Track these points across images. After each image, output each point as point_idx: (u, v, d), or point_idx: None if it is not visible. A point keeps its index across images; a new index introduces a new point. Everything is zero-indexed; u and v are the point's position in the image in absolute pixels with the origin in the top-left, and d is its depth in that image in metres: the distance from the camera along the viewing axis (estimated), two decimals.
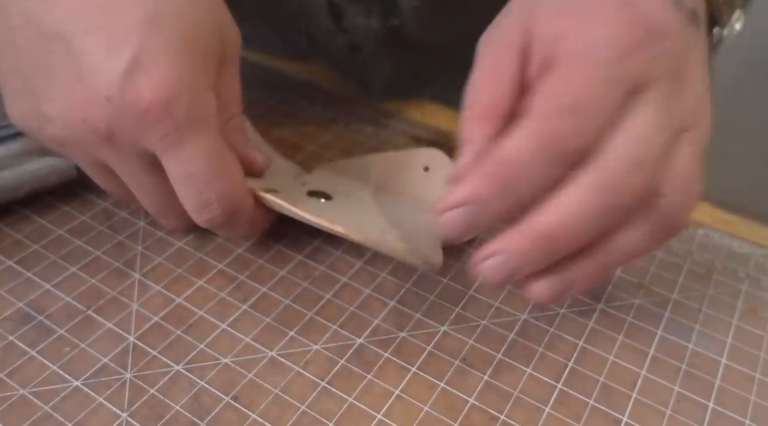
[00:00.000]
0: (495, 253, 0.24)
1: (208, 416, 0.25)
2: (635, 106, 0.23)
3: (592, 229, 0.23)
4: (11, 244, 0.32)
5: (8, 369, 0.26)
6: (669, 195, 0.23)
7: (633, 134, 0.22)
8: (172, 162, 0.26)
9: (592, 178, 0.22)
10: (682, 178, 0.23)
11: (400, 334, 0.29)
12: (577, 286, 0.25)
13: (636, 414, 0.26)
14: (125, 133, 0.25)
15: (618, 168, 0.22)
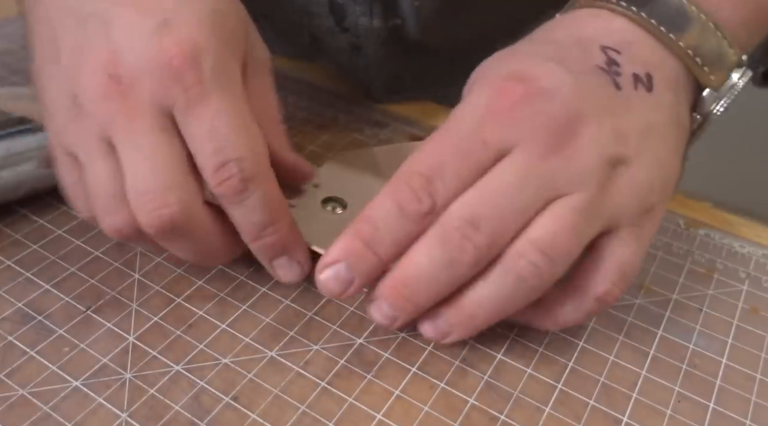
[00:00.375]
0: (372, 300, 0.26)
1: (208, 416, 0.25)
2: (497, 167, 0.24)
3: (441, 278, 0.24)
4: (10, 243, 0.32)
5: (8, 369, 0.26)
6: (525, 255, 0.24)
7: (479, 194, 0.24)
8: (194, 117, 0.25)
9: (433, 233, 0.24)
10: (538, 242, 0.24)
11: (399, 335, 0.29)
12: (456, 331, 0.26)
13: (636, 414, 0.26)
14: (148, 86, 0.25)
15: (453, 225, 0.24)
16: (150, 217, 0.25)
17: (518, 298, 0.25)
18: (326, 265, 0.25)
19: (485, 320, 0.26)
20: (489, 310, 0.25)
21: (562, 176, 0.24)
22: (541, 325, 0.27)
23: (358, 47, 0.41)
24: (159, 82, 0.25)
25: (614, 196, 0.25)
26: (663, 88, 0.27)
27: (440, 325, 0.26)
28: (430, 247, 0.24)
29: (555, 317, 0.27)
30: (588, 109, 0.25)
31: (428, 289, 0.25)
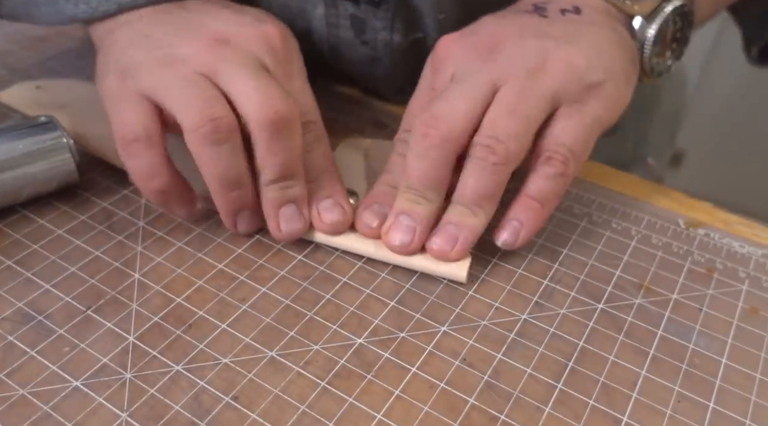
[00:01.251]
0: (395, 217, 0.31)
1: (208, 416, 0.25)
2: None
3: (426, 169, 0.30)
4: (11, 244, 0.32)
5: (8, 369, 0.26)
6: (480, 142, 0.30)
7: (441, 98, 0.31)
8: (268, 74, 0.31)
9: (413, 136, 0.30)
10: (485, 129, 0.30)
11: (400, 334, 0.29)
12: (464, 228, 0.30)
13: (636, 414, 0.26)
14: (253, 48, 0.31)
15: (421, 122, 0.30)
16: (263, 112, 0.29)
17: (491, 180, 0.30)
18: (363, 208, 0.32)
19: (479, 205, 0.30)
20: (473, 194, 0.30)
21: (494, 73, 0.30)
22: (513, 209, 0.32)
23: (377, 59, 0.41)
24: (260, 47, 0.32)
25: (548, 77, 0.30)
26: (591, 11, 0.33)
27: (448, 230, 0.30)
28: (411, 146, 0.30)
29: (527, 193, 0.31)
30: (509, 32, 0.32)
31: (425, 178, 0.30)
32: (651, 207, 0.36)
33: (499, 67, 0.31)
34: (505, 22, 0.33)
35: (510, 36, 0.32)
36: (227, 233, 0.33)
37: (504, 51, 0.31)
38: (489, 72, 0.31)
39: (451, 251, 0.30)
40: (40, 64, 0.46)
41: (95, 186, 0.36)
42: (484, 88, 0.30)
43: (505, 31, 0.32)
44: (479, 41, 0.32)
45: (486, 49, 0.32)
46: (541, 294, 0.31)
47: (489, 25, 0.33)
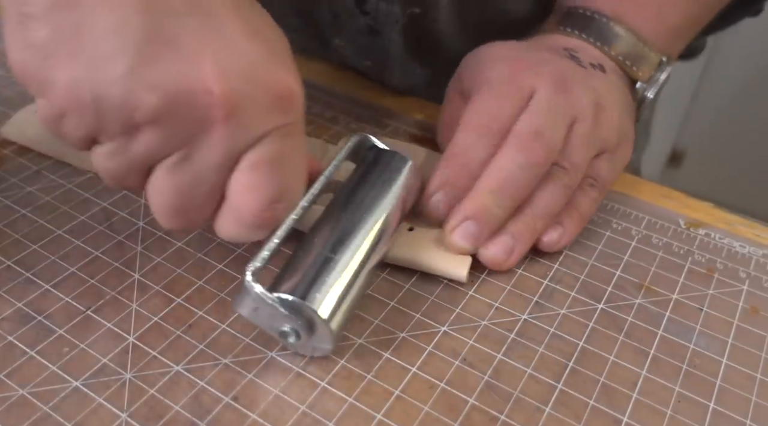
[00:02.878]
0: (463, 220, 0.31)
1: (208, 416, 0.25)
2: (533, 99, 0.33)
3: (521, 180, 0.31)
4: (11, 244, 0.32)
5: (8, 369, 0.26)
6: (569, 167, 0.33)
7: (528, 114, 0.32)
8: (274, 148, 0.25)
9: (510, 143, 0.32)
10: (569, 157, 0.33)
11: (400, 334, 0.29)
12: (521, 240, 0.31)
13: (636, 414, 0.26)
14: (249, 113, 0.24)
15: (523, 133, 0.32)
16: None
17: (562, 198, 0.32)
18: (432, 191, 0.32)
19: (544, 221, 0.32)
20: (545, 210, 0.32)
21: (571, 107, 0.33)
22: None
23: (377, 31, 0.42)
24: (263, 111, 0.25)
25: (603, 128, 0.34)
26: (611, 72, 0.37)
27: (505, 241, 0.31)
28: (510, 154, 0.31)
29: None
30: (573, 74, 0.35)
31: (515, 189, 0.31)
32: (651, 207, 0.36)
33: (574, 106, 0.33)
34: (562, 63, 0.35)
35: (572, 79, 0.34)
36: None
37: (576, 94, 0.33)
38: (567, 107, 0.33)
39: (505, 262, 0.31)
40: None
41: (95, 186, 0.36)
42: (567, 117, 0.33)
43: (566, 72, 0.34)
44: (553, 75, 0.34)
45: (561, 85, 0.33)
46: (541, 294, 0.31)
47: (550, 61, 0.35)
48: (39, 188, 0.35)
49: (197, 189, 0.25)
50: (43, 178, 0.36)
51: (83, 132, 0.24)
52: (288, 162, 0.26)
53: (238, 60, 0.24)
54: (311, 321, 0.26)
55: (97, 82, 0.22)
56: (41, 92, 0.23)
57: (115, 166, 0.25)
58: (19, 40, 0.23)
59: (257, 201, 0.25)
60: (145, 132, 0.23)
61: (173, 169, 0.25)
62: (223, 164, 0.25)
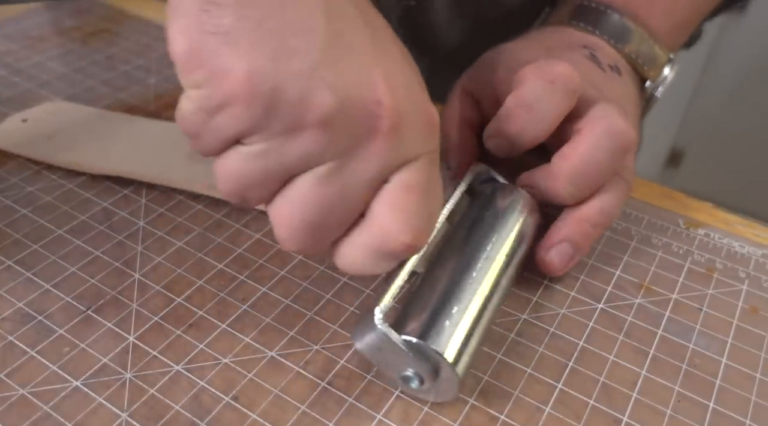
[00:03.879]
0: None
1: (208, 416, 0.25)
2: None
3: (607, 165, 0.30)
4: (11, 244, 0.32)
5: (8, 369, 0.26)
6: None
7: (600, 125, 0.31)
8: (425, 173, 0.24)
9: None
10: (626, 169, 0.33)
11: None
12: (580, 250, 0.31)
13: (636, 414, 0.26)
14: (409, 131, 0.24)
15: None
16: None
17: (622, 202, 0.32)
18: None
19: (603, 227, 0.31)
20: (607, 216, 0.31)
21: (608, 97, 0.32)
22: None
23: None
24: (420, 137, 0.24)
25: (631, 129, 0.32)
26: (627, 75, 0.36)
27: (567, 249, 0.31)
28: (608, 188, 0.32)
29: None
30: (596, 80, 0.34)
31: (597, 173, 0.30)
32: (651, 207, 0.36)
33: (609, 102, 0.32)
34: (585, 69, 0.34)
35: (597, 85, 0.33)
36: (227, 233, 0.33)
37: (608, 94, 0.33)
38: None
39: (562, 270, 0.31)
40: (40, 64, 0.46)
41: (95, 186, 0.36)
42: None
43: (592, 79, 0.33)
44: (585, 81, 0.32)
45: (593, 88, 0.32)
46: (541, 294, 0.31)
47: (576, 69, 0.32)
48: (39, 188, 0.35)
49: (342, 203, 0.24)
50: (44, 178, 0.36)
51: (242, 127, 0.23)
52: (433, 191, 0.25)
53: (402, 79, 0.24)
54: (437, 365, 0.24)
55: (279, 74, 0.22)
56: (209, 80, 0.22)
57: (257, 169, 0.23)
58: (198, 25, 0.22)
59: (406, 223, 0.24)
60: (310, 133, 0.22)
61: (323, 179, 0.23)
62: (376, 179, 0.24)
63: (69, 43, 0.49)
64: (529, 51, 0.35)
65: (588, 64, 0.35)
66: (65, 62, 0.46)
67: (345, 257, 0.25)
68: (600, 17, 0.36)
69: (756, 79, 1.17)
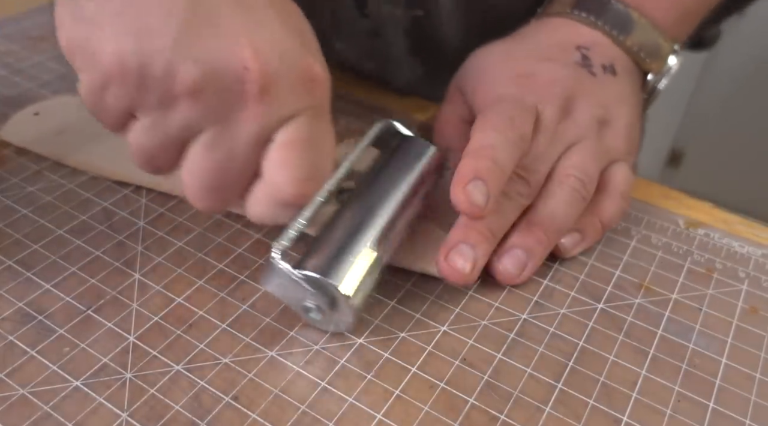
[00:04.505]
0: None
1: (208, 416, 0.25)
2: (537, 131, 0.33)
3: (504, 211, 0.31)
4: (11, 244, 0.32)
5: (8, 369, 0.26)
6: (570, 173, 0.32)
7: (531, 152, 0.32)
8: (305, 128, 0.27)
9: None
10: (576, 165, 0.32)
11: (400, 334, 0.29)
12: (533, 255, 0.31)
13: (636, 414, 0.26)
14: (282, 92, 0.25)
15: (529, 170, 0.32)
16: None
17: (575, 209, 0.32)
18: (465, 182, 0.29)
19: (556, 233, 0.31)
20: (558, 222, 0.31)
21: (569, 134, 0.33)
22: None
23: (378, 34, 0.42)
24: (294, 92, 0.26)
25: (608, 141, 0.34)
26: (623, 73, 0.36)
27: (518, 255, 0.31)
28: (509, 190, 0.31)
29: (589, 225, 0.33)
30: (577, 90, 0.34)
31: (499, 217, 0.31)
32: (651, 207, 0.36)
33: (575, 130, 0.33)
34: (569, 77, 0.34)
35: (578, 97, 0.34)
36: (227, 233, 0.33)
37: (576, 117, 0.33)
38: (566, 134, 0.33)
39: (517, 277, 0.31)
40: (40, 64, 0.46)
41: (96, 186, 0.36)
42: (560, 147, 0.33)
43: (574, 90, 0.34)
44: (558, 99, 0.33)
45: (563, 109, 0.33)
46: (541, 294, 0.31)
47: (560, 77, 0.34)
48: (39, 188, 0.35)
49: (232, 165, 0.26)
50: (44, 178, 0.36)
51: (124, 104, 0.25)
52: (318, 143, 0.27)
53: (272, 43, 0.25)
54: (334, 297, 0.27)
55: (143, 53, 0.24)
56: (86, 65, 0.25)
57: (151, 141, 0.26)
58: (69, 14, 0.25)
59: (291, 177, 0.26)
60: (183, 104, 0.25)
61: (209, 146, 0.26)
62: (257, 140, 0.26)
63: None
64: (514, 60, 0.35)
65: (576, 70, 0.35)
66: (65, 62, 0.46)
67: (251, 210, 0.28)
68: (603, 7, 0.36)
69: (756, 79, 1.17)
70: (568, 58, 0.35)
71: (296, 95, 0.26)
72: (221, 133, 0.26)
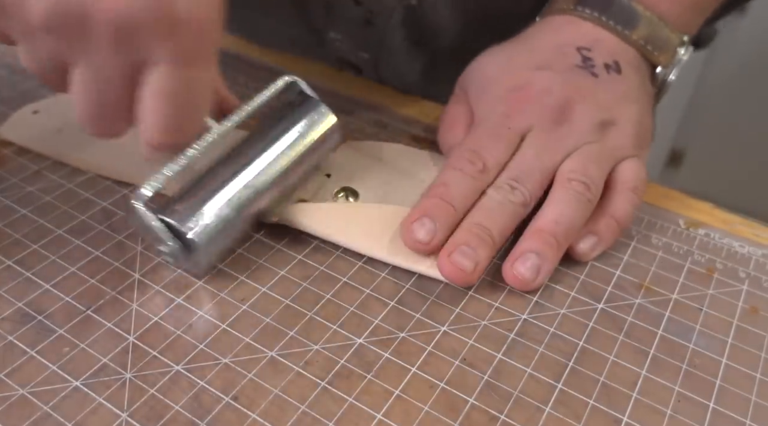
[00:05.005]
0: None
1: (208, 416, 0.25)
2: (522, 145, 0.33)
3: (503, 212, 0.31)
4: (11, 243, 0.32)
5: (8, 369, 0.26)
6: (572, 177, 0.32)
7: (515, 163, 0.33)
8: (172, 77, 0.26)
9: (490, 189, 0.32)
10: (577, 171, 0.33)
11: (400, 334, 0.29)
12: (546, 259, 0.30)
13: (636, 414, 0.26)
14: (136, 35, 0.25)
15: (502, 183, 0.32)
16: None
17: (580, 211, 0.31)
18: (412, 220, 0.31)
19: (565, 236, 0.31)
20: (565, 225, 0.31)
21: (567, 141, 0.33)
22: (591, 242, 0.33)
23: (371, 22, 0.42)
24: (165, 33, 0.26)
25: (613, 141, 0.34)
26: (628, 69, 0.35)
27: (531, 259, 0.30)
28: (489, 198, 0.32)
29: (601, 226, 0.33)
30: (575, 96, 0.34)
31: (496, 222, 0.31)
32: (651, 207, 0.36)
33: (571, 138, 0.33)
34: (566, 82, 0.34)
35: (575, 103, 0.34)
36: None
37: (574, 123, 0.33)
38: (561, 143, 0.33)
39: (533, 282, 0.30)
40: None
41: (95, 186, 0.36)
42: (558, 157, 0.33)
43: (569, 96, 0.34)
44: (551, 108, 0.34)
45: (557, 118, 0.33)
46: (541, 294, 0.31)
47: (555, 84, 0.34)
48: (39, 188, 0.35)
49: (105, 97, 0.27)
50: (44, 178, 0.36)
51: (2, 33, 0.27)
52: (186, 94, 0.27)
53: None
54: (184, 243, 0.29)
55: None
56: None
57: (30, 64, 0.27)
58: None
59: (155, 124, 0.27)
60: (41, 36, 0.25)
61: (80, 75, 0.26)
62: (122, 80, 0.26)
63: None
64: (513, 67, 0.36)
65: (575, 74, 0.35)
66: None
67: (142, 147, 0.29)
68: (607, 2, 0.36)
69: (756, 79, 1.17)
70: (567, 62, 0.35)
71: (154, 40, 0.25)
72: (87, 65, 0.26)
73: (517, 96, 0.34)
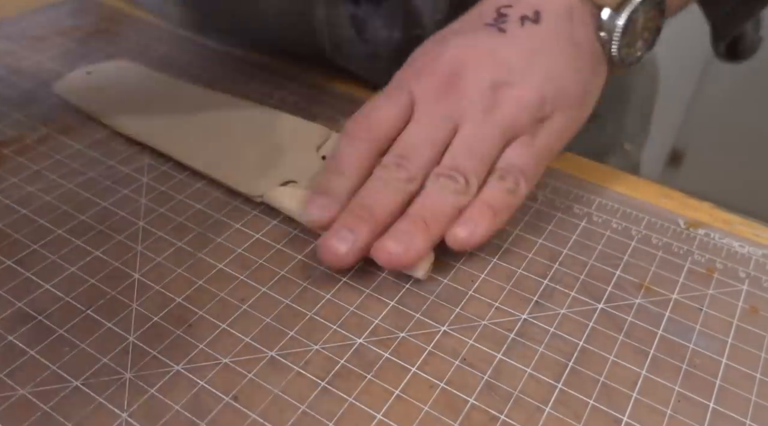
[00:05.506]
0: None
1: (208, 416, 0.25)
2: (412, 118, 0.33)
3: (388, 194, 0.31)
4: (10, 243, 0.32)
5: (8, 369, 0.26)
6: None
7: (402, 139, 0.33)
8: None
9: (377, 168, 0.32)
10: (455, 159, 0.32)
11: (400, 334, 0.29)
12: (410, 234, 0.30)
13: (636, 414, 0.26)
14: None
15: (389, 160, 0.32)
16: None
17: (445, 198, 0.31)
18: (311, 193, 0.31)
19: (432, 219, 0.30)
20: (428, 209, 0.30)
21: (454, 110, 0.32)
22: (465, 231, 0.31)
23: (377, 56, 0.42)
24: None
25: (502, 114, 0.32)
26: (552, 18, 0.33)
27: (395, 236, 0.30)
28: (374, 177, 0.31)
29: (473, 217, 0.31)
30: (469, 57, 0.33)
31: (378, 201, 0.31)
32: (651, 207, 0.36)
33: (458, 106, 0.32)
34: (465, 42, 0.33)
35: (468, 65, 0.33)
36: (227, 233, 0.33)
37: (462, 89, 0.32)
38: (449, 113, 0.32)
39: (405, 255, 0.29)
40: (40, 64, 0.46)
41: (95, 186, 0.36)
42: (448, 126, 0.32)
43: (462, 58, 0.33)
44: (438, 75, 0.33)
45: (444, 85, 0.33)
46: (541, 294, 0.31)
47: (448, 48, 0.33)
48: (39, 188, 0.35)
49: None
50: (43, 178, 0.36)
51: None
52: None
53: None
54: None
55: None
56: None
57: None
58: None
59: None
60: None
61: None
62: None
63: (69, 43, 0.49)
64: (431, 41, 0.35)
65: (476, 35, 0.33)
66: (65, 62, 0.46)
67: None
68: None
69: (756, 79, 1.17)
70: (478, 22, 0.34)
71: None
72: None
73: (414, 66, 0.34)
